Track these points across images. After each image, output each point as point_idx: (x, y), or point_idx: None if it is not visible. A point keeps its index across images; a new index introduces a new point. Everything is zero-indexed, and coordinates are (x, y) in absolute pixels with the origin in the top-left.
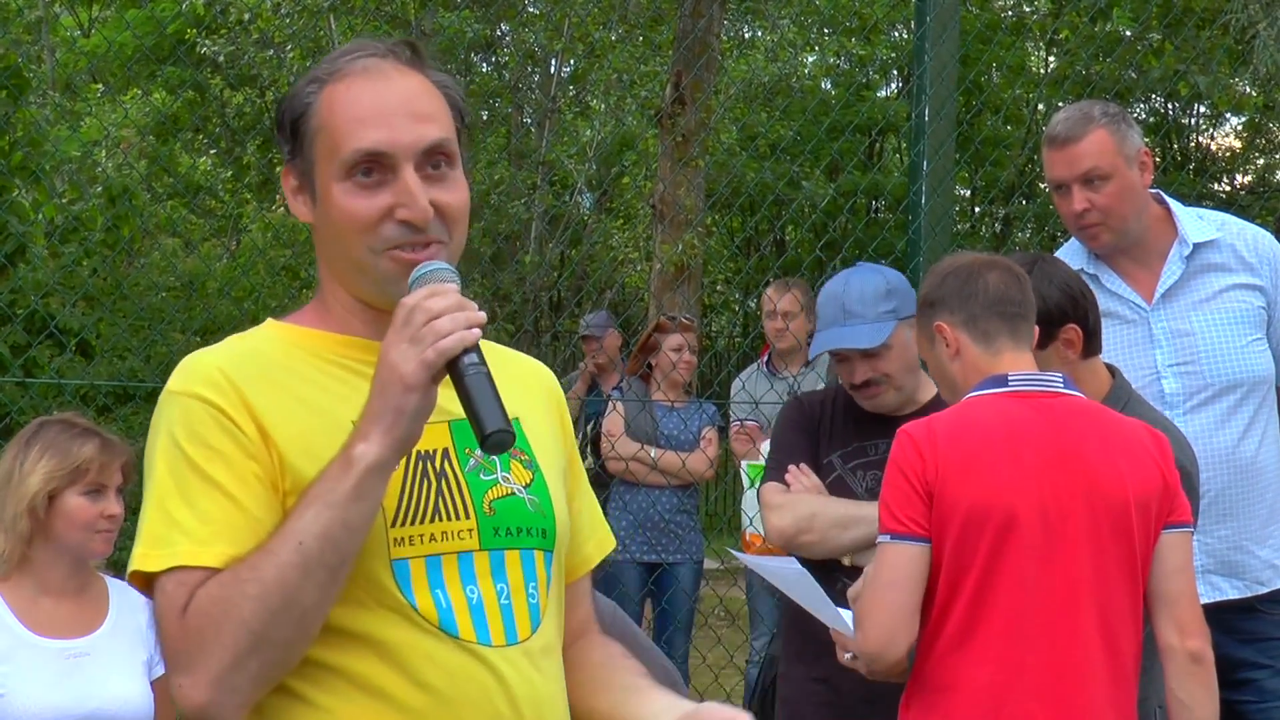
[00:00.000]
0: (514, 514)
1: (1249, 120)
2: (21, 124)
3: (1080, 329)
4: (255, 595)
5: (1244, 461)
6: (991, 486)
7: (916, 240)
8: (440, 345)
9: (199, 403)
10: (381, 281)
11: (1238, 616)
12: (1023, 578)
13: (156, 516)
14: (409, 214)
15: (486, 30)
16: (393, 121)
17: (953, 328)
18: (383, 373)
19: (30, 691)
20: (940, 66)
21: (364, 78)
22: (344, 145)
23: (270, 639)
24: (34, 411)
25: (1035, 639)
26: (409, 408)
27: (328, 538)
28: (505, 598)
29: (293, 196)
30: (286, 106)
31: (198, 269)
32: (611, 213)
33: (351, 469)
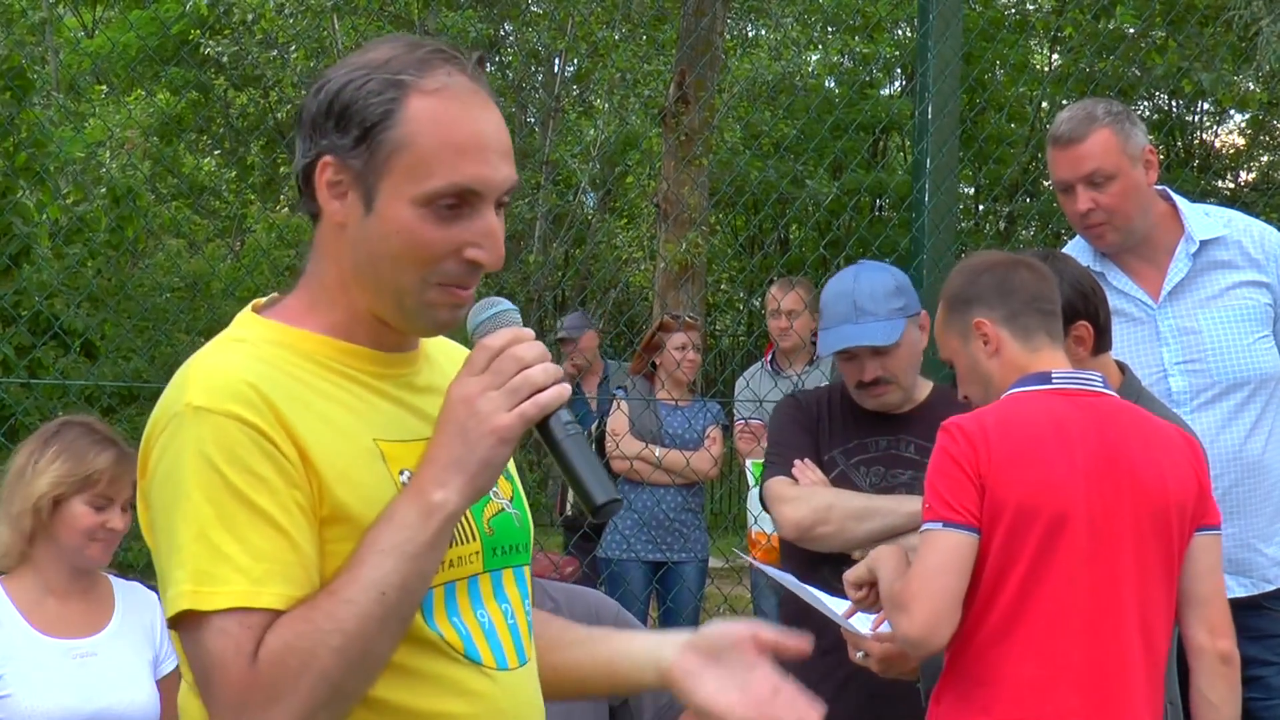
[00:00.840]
0: (507, 531)
1: (1253, 117)
2: (26, 125)
3: (1091, 325)
4: (339, 647)
5: (1251, 459)
6: (1042, 483)
7: (920, 238)
8: (540, 399)
9: (236, 423)
10: (423, 310)
11: (1245, 614)
12: (1069, 575)
13: (200, 550)
14: (484, 257)
15: (490, 30)
16: (491, 159)
17: (993, 324)
18: (466, 419)
19: (37, 691)
20: (943, 64)
21: (458, 101)
22: (437, 173)
23: (346, 690)
24: (38, 412)
25: (1078, 636)
26: (498, 460)
27: (406, 588)
28: (510, 618)
29: (329, 189)
30: (351, 101)
31: (202, 269)
32: (615, 212)
33: (432, 518)
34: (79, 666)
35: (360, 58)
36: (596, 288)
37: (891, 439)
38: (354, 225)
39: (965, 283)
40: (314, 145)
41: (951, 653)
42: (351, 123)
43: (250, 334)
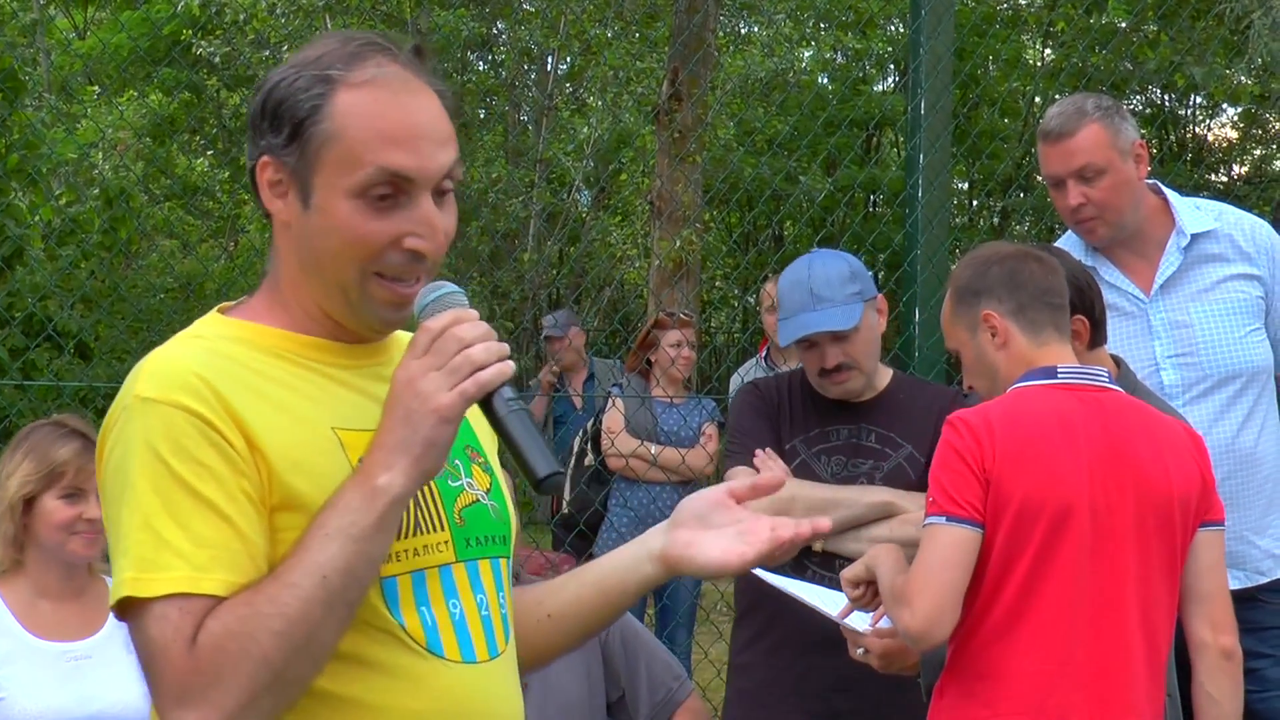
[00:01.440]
0: (481, 522)
1: (1245, 111)
2: (18, 126)
3: (1087, 320)
4: (279, 631)
5: (1243, 452)
6: (1047, 478)
7: (914, 234)
8: (480, 378)
9: (182, 413)
10: (366, 305)
11: (1239, 606)
12: (1072, 571)
13: (144, 538)
14: (423, 245)
15: (482, 28)
16: (421, 145)
17: (1002, 316)
18: (408, 400)
19: (31, 694)
20: (935, 60)
21: (387, 90)
22: (365, 162)
23: (288, 676)
24: (33, 414)
25: (1081, 632)
26: (442, 440)
27: (351, 573)
28: (485, 609)
29: (269, 189)
30: (283, 99)
31: (195, 270)
32: (609, 210)
33: (376, 500)
34: (73, 669)
35: (297, 57)
36: (591, 285)
37: (853, 428)
38: (296, 223)
39: (974, 274)
40: (255, 148)
41: (954, 647)
42: (283, 121)
43: (209, 331)
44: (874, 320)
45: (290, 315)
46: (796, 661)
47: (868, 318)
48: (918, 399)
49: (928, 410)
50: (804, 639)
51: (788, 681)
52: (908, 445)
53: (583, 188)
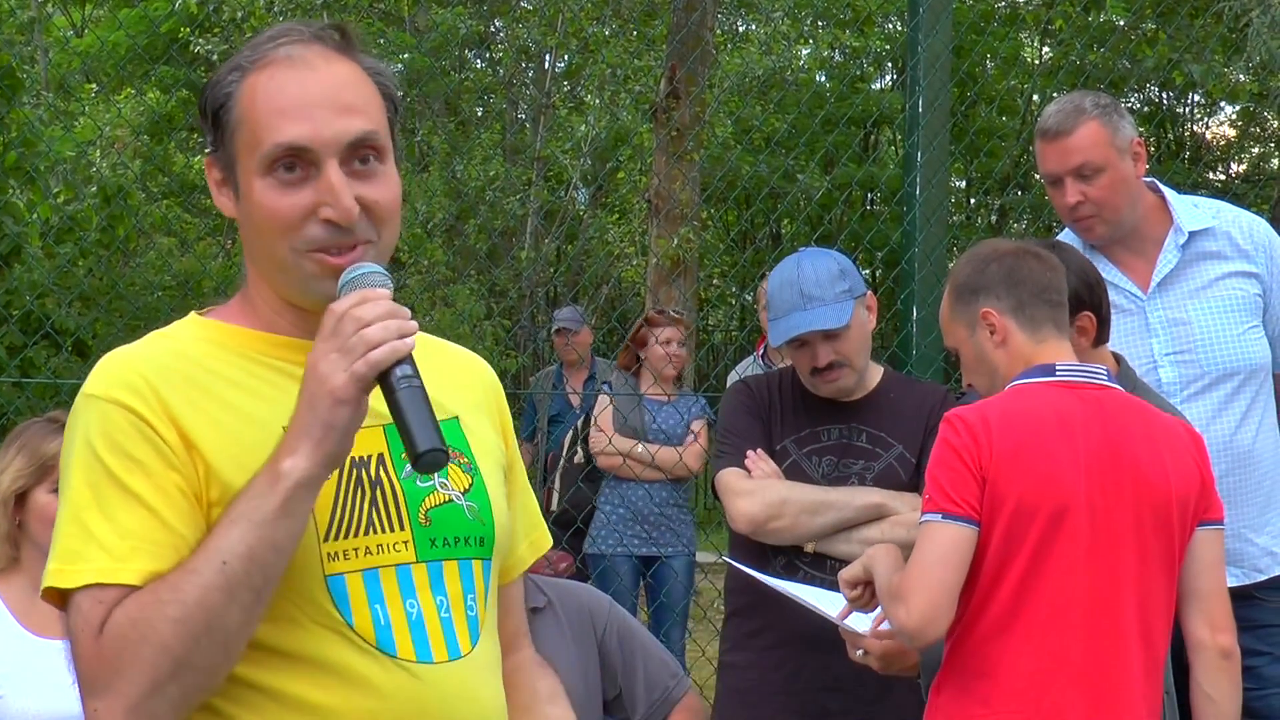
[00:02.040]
0: (451, 523)
1: (1243, 109)
2: (15, 124)
3: (1095, 317)
4: (176, 617)
5: (1241, 450)
6: (1044, 476)
7: (911, 232)
8: (371, 357)
9: (118, 408)
10: (305, 282)
11: (1236, 604)
12: (1069, 569)
13: (72, 530)
14: (333, 214)
15: (480, 26)
16: (315, 114)
17: (1000, 314)
18: (310, 384)
19: (28, 692)
20: (934, 58)
21: (287, 66)
22: (264, 139)
23: (192, 663)
24: (31, 412)
25: (1078, 630)
26: (339, 422)
27: (253, 558)
28: (445, 610)
29: (217, 190)
30: (208, 95)
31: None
32: (607, 208)
33: (278, 485)
34: (69, 666)
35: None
36: (588, 283)
37: (844, 428)
38: (240, 216)
39: (973, 271)
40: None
41: (951, 645)
42: (208, 118)
43: (178, 331)
44: (864, 318)
45: (259, 314)
46: (787, 660)
47: (858, 315)
48: (908, 398)
49: (918, 409)
50: (795, 638)
51: (778, 680)
52: (898, 445)
53: (580, 186)
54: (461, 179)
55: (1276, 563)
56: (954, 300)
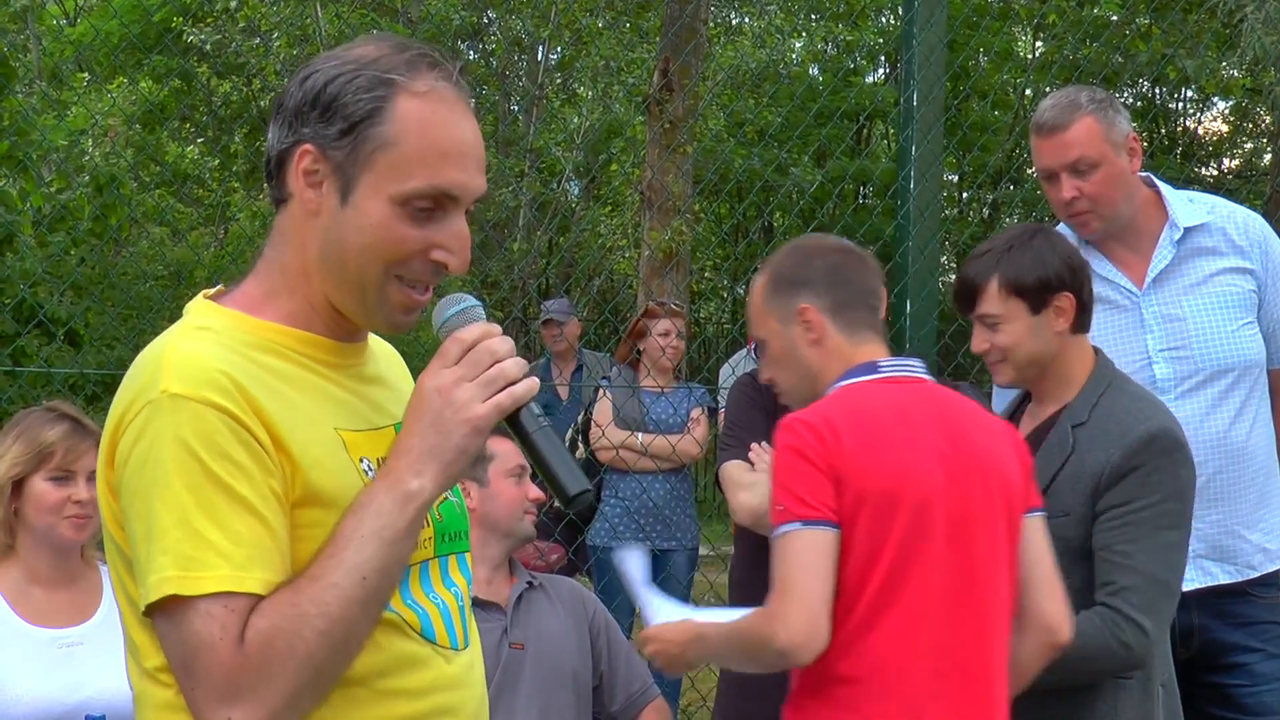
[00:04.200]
0: (452, 519)
1: (1236, 104)
2: (8, 113)
3: (1075, 299)
4: (324, 630)
5: (1235, 446)
6: (900, 469)
7: (905, 225)
8: (515, 391)
9: (213, 410)
10: (381, 306)
11: (1228, 601)
12: (933, 562)
13: (183, 535)
14: (453, 261)
15: (473, 18)
16: (469, 166)
17: (819, 311)
18: (442, 409)
19: (22, 680)
20: (928, 51)
21: (446, 106)
22: (419, 173)
23: (329, 673)
24: (23, 400)
25: (943, 624)
26: (473, 449)
27: (386, 574)
28: (460, 600)
29: (303, 177)
30: (341, 96)
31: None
32: (600, 200)
33: (409, 505)
34: (65, 656)
35: (347, 52)
36: (581, 275)
37: None
38: (327, 214)
39: (796, 264)
40: (293, 132)
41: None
42: (337, 115)
43: (213, 323)
44: None
45: (291, 306)
46: None
47: None
48: None
49: None
50: None
51: (779, 674)
52: None
53: (573, 178)
54: None
55: (1269, 559)
56: (771, 290)
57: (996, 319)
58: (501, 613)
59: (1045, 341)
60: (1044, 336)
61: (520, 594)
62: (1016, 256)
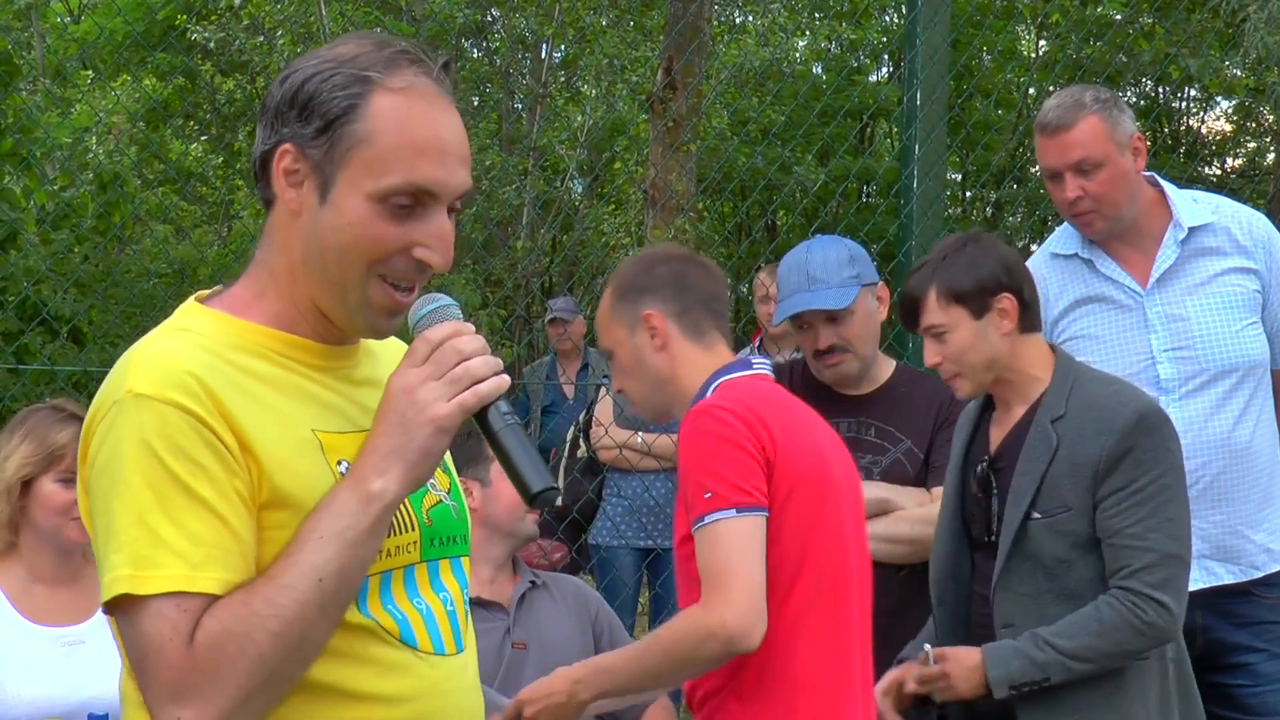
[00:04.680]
0: (445, 523)
1: (1239, 103)
2: (12, 110)
3: (1015, 299)
4: (276, 631)
5: (1239, 446)
6: (813, 453)
7: (909, 225)
8: (480, 390)
9: (177, 411)
10: (364, 307)
11: (1232, 601)
12: (844, 545)
13: (139, 534)
14: (434, 258)
15: (477, 15)
16: (448, 162)
17: (663, 317)
18: (407, 409)
19: (24, 679)
20: (932, 50)
21: (423, 101)
22: (395, 170)
23: (282, 675)
24: (26, 398)
25: (861, 607)
26: (437, 449)
27: (344, 575)
28: (450, 606)
29: (284, 177)
30: (315, 92)
31: (190, 255)
32: (603, 198)
33: (371, 506)
34: (66, 654)
35: (328, 51)
36: (584, 274)
37: (853, 421)
38: (307, 214)
39: (639, 273)
40: (274, 133)
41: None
42: (314, 113)
43: (194, 324)
44: (872, 306)
45: (277, 308)
46: None
47: (864, 302)
48: (919, 393)
49: (929, 404)
50: None
51: None
52: (907, 440)
53: (576, 176)
54: None
55: (1273, 559)
56: (615, 300)
57: (942, 329)
58: (504, 612)
59: (993, 345)
60: (991, 340)
61: (523, 594)
62: (951, 265)
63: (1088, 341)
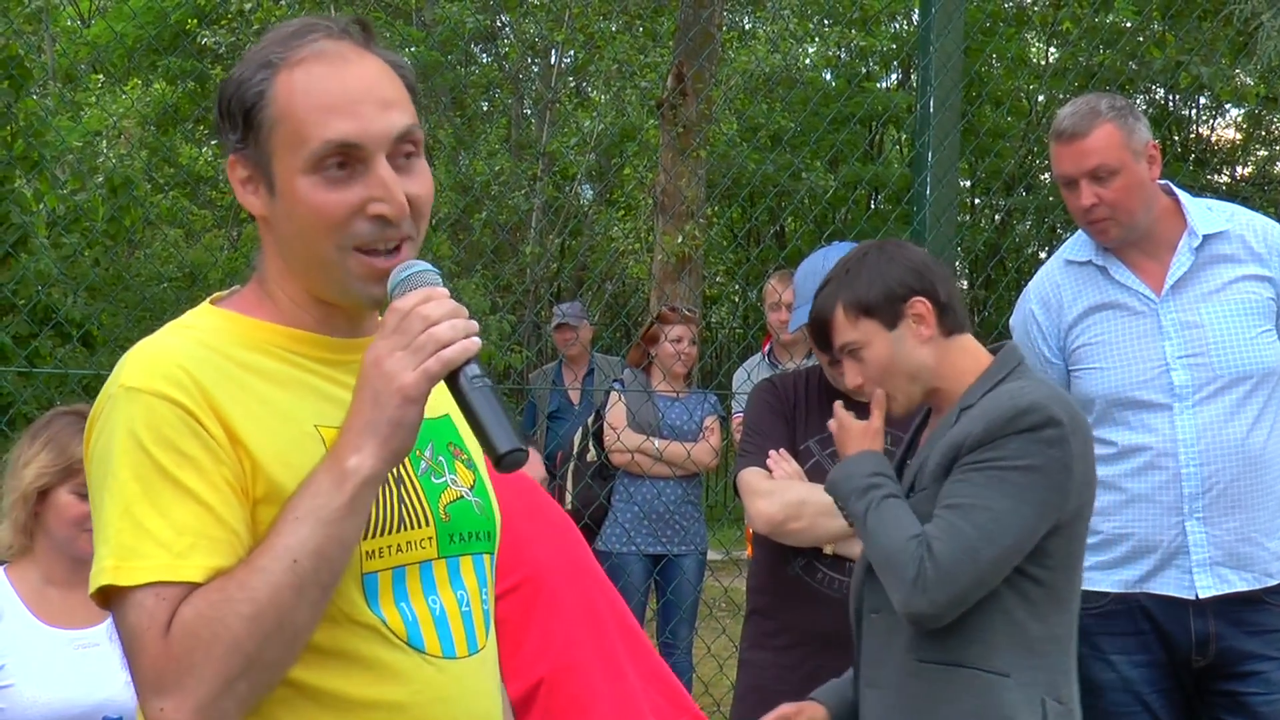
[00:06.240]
0: (465, 518)
1: (1249, 112)
2: (24, 114)
3: (929, 301)
4: (249, 615)
5: (1253, 453)
6: None
7: (921, 232)
8: (444, 355)
9: (164, 402)
10: (347, 282)
11: (1245, 609)
12: None
13: (124, 525)
14: (386, 209)
15: (487, 21)
16: (361, 110)
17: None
18: (375, 381)
19: (39, 681)
20: (945, 58)
21: (323, 62)
22: (311, 136)
23: (262, 661)
24: (36, 402)
25: None
26: (408, 420)
27: (322, 555)
28: (465, 605)
29: (241, 187)
30: (233, 94)
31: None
32: (613, 204)
33: (346, 482)
34: (81, 657)
35: (246, 55)
36: (593, 279)
37: None
38: (270, 214)
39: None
40: (225, 151)
41: None
42: (236, 117)
43: (200, 322)
44: None
45: (280, 308)
46: (805, 660)
47: None
48: None
49: None
50: (813, 638)
51: (796, 680)
52: None
53: (586, 181)
54: (467, 174)
55: None
56: None
57: (856, 345)
58: None
59: (915, 354)
60: (911, 349)
61: None
62: (855, 278)
63: (1101, 348)
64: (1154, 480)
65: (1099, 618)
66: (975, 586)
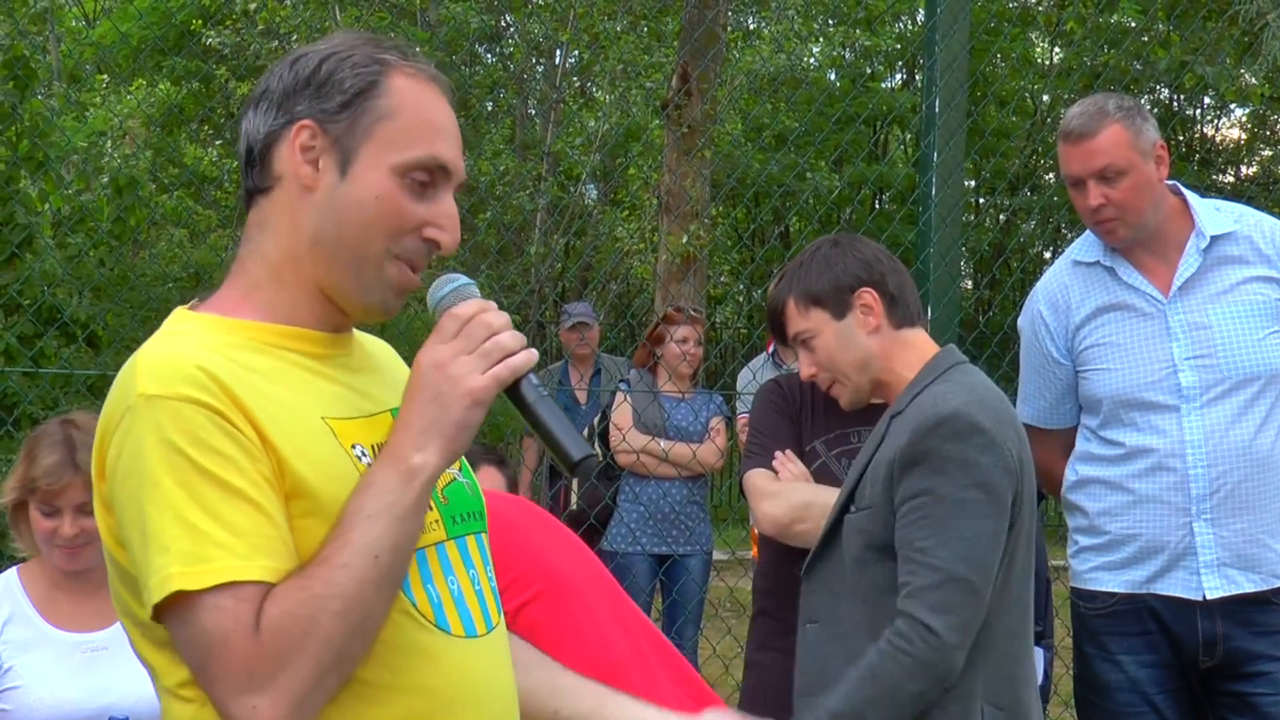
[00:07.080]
0: (461, 500)
1: (1253, 112)
2: (29, 114)
3: (877, 292)
4: (339, 611)
5: (1260, 454)
6: None
7: (926, 232)
8: (512, 362)
9: (191, 405)
10: (379, 284)
11: (1252, 609)
12: None
13: (179, 531)
14: (442, 238)
15: (492, 21)
16: (455, 144)
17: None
18: (441, 384)
19: (46, 684)
20: (950, 58)
21: (433, 88)
22: (418, 144)
23: (349, 655)
24: (42, 402)
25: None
26: (473, 422)
27: (398, 550)
28: (477, 584)
29: (302, 154)
30: (338, 71)
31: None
32: (617, 204)
33: (414, 480)
34: (89, 660)
35: (327, 42)
36: (598, 280)
37: (872, 430)
38: (324, 190)
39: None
40: (284, 113)
41: None
42: (335, 89)
43: (187, 327)
44: None
45: (269, 300)
46: None
47: None
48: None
49: None
50: None
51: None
52: None
53: (591, 182)
54: (472, 174)
55: None
56: None
57: (807, 334)
58: None
59: (861, 344)
60: (858, 339)
61: None
62: (807, 270)
63: (1109, 349)
64: (1161, 481)
65: (1106, 618)
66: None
